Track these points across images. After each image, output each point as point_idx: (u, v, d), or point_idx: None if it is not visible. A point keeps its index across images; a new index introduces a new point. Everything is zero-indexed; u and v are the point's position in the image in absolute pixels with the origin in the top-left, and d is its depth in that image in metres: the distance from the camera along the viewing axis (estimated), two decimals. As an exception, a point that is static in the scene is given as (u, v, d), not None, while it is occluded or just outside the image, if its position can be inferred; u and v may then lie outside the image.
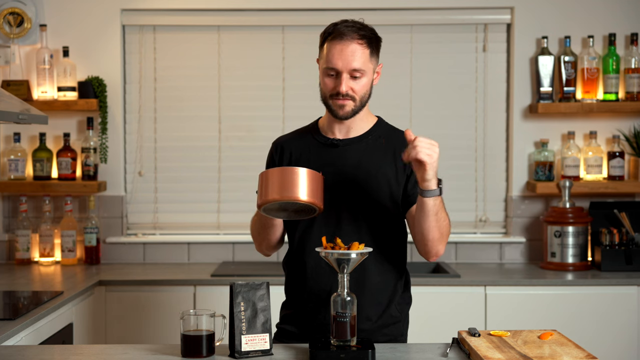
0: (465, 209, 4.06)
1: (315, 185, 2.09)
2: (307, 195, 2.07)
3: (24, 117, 3.02)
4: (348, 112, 2.29)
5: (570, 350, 2.04)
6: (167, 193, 4.09)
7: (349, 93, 2.26)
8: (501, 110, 4.07)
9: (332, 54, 2.25)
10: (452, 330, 2.68)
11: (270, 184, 2.08)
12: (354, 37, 2.25)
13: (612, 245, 3.73)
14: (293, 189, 2.06)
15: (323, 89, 2.31)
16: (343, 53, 2.24)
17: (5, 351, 2.19)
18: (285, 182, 2.06)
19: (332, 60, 2.25)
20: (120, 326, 3.53)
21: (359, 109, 2.31)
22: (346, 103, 2.28)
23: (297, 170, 2.08)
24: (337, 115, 2.31)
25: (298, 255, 2.38)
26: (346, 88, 2.26)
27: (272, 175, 2.09)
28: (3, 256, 4.00)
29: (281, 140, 2.47)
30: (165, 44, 4.06)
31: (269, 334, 2.09)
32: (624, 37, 3.95)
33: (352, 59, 2.24)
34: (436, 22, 4.03)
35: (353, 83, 2.27)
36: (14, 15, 3.93)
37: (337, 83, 2.26)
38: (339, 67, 2.25)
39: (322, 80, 2.30)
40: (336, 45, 2.25)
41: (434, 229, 2.20)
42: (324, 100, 2.33)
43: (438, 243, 2.25)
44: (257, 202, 2.13)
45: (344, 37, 2.24)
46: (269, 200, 2.07)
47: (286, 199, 2.06)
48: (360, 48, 2.25)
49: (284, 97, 4.06)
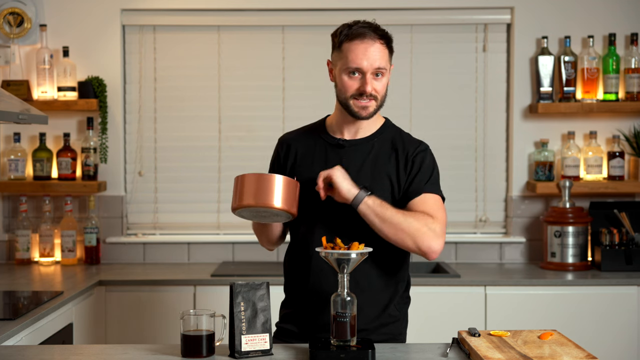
0: (465, 209, 4.06)
1: (289, 193, 2.13)
2: (281, 203, 2.12)
3: (24, 117, 3.02)
4: (370, 112, 2.31)
5: (570, 350, 2.04)
6: (167, 193, 4.09)
7: (372, 93, 2.27)
8: (501, 110, 4.07)
9: (356, 54, 2.25)
10: (452, 330, 2.68)
11: (246, 189, 2.12)
12: (375, 36, 2.26)
13: (612, 245, 3.73)
14: (268, 195, 2.10)
15: (343, 89, 2.29)
16: (368, 52, 2.24)
17: (5, 351, 2.19)
18: (261, 189, 2.11)
19: (357, 60, 2.25)
20: (120, 326, 3.53)
21: (378, 109, 2.33)
22: (369, 104, 2.29)
23: (272, 178, 2.13)
24: (359, 116, 2.30)
25: (298, 255, 2.38)
26: (371, 87, 2.26)
27: (249, 180, 2.13)
28: (3, 256, 4.00)
29: (288, 137, 2.47)
30: (165, 44, 4.06)
31: (269, 334, 2.09)
32: (624, 37, 3.96)
33: (376, 58, 2.25)
34: (436, 22, 4.03)
35: (376, 83, 2.28)
36: (14, 15, 3.93)
37: (362, 83, 2.26)
38: (364, 67, 2.25)
39: (342, 81, 2.29)
40: (359, 45, 2.25)
41: (390, 231, 2.22)
42: (343, 101, 2.31)
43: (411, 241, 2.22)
44: (231, 204, 2.17)
45: (366, 37, 2.25)
46: (244, 205, 2.12)
47: (261, 206, 2.11)
48: (382, 47, 2.27)
49: (284, 97, 4.06)
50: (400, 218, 2.21)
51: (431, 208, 2.28)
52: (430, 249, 2.22)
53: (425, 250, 2.23)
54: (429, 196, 2.31)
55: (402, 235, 2.22)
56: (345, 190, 2.20)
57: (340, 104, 2.34)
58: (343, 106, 2.32)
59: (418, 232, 2.21)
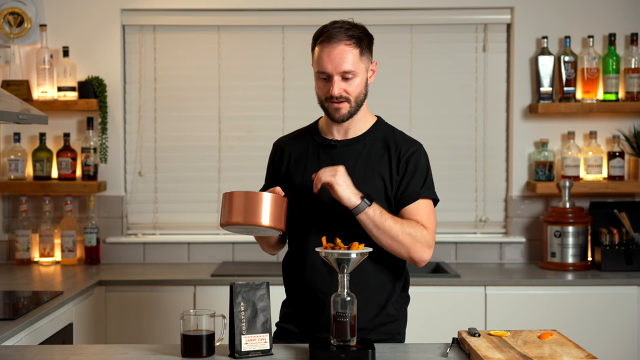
0: (465, 209, 4.06)
1: (277, 210, 2.16)
2: (269, 221, 2.15)
3: (24, 117, 3.02)
4: (344, 114, 2.31)
5: (570, 350, 2.04)
6: (167, 193, 4.09)
7: (342, 95, 2.28)
8: (501, 110, 4.07)
9: (322, 57, 2.27)
10: (452, 330, 2.68)
11: (235, 207, 2.15)
12: (342, 38, 2.25)
13: (612, 245, 3.73)
14: (256, 213, 2.14)
15: (318, 92, 2.33)
16: (331, 56, 2.25)
17: (5, 351, 2.19)
18: (249, 207, 2.14)
19: (322, 64, 2.27)
20: (120, 326, 3.53)
21: (355, 110, 2.32)
22: (341, 106, 2.29)
23: (260, 196, 2.15)
24: (334, 119, 2.32)
25: (297, 255, 2.38)
26: (339, 91, 2.27)
27: (238, 198, 2.16)
28: (3, 256, 4.00)
29: (281, 141, 2.48)
30: (165, 44, 4.06)
31: (269, 334, 2.09)
32: (624, 37, 3.95)
33: (341, 62, 2.25)
34: (436, 22, 4.03)
35: (345, 85, 2.28)
36: (14, 15, 3.93)
37: (329, 86, 2.27)
38: (329, 71, 2.26)
39: (316, 84, 2.32)
40: (324, 49, 2.26)
41: (386, 240, 2.24)
42: (320, 104, 2.34)
43: (406, 251, 2.26)
44: (220, 220, 2.19)
45: (332, 40, 2.25)
46: (232, 222, 2.15)
47: (249, 224, 2.14)
48: (348, 49, 2.26)
49: (284, 97, 4.06)
50: (397, 229, 2.23)
51: (424, 217, 2.30)
52: (421, 259, 2.28)
53: (417, 260, 2.28)
54: (423, 203, 2.32)
55: (397, 245, 2.25)
56: (345, 199, 2.20)
57: (320, 106, 2.36)
58: (322, 109, 2.35)
59: (413, 244, 2.25)
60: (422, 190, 2.32)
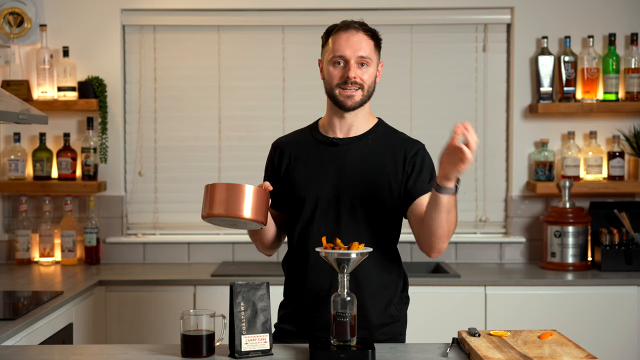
0: (465, 209, 4.06)
1: (259, 203, 2.15)
2: (250, 213, 2.13)
3: (24, 117, 3.02)
4: (357, 102, 2.30)
5: (570, 350, 2.04)
6: (167, 193, 4.09)
7: (357, 80, 2.28)
8: (501, 110, 4.07)
9: (339, 43, 2.28)
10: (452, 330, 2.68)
11: (217, 199, 2.13)
12: (359, 28, 2.30)
13: (612, 245, 3.73)
14: (238, 206, 2.12)
15: (329, 79, 2.31)
16: (350, 41, 2.28)
17: (5, 351, 2.19)
18: (231, 199, 2.12)
19: (340, 49, 2.28)
20: (120, 326, 3.53)
21: (365, 100, 2.32)
22: (355, 93, 2.29)
23: (242, 188, 2.13)
24: (345, 106, 2.30)
25: (297, 255, 2.38)
26: (355, 74, 2.27)
27: (220, 190, 2.14)
28: (3, 256, 4.00)
29: (280, 142, 2.47)
30: (165, 44, 4.06)
31: (269, 334, 2.09)
32: (624, 37, 3.95)
33: (359, 47, 2.28)
34: (436, 22, 4.03)
35: (360, 71, 2.29)
36: (14, 15, 3.93)
37: (346, 70, 2.28)
38: (347, 55, 2.27)
39: (328, 71, 2.31)
40: (342, 35, 2.29)
41: (443, 225, 2.19)
42: (329, 92, 2.32)
43: (444, 240, 2.24)
44: (201, 212, 2.17)
45: (350, 27, 2.30)
46: (214, 214, 2.13)
47: (231, 216, 2.12)
48: (366, 38, 2.30)
49: (284, 97, 4.06)
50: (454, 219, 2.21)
51: None
52: (441, 250, 2.27)
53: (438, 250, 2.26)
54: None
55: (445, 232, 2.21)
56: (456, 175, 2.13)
57: (328, 96, 2.35)
58: (330, 98, 2.33)
59: (451, 234, 2.24)
60: (430, 185, 2.31)
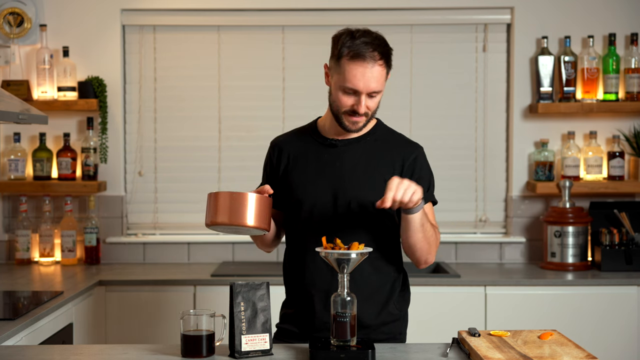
0: (465, 209, 4.06)
1: (262, 210, 2.17)
2: (254, 221, 2.15)
3: (24, 117, 3.02)
4: (360, 127, 2.33)
5: (570, 350, 2.04)
6: (167, 193, 4.09)
7: (365, 112, 2.28)
8: (501, 110, 4.07)
9: (354, 75, 2.23)
10: (452, 330, 2.68)
11: (220, 207, 2.15)
12: (375, 57, 2.23)
13: (612, 245, 3.73)
14: (242, 214, 2.14)
15: (337, 104, 2.29)
16: (365, 77, 2.23)
17: (5, 351, 2.19)
18: (235, 207, 2.14)
19: (354, 82, 2.23)
20: (120, 326, 3.53)
21: (368, 122, 2.34)
22: (360, 119, 2.30)
23: (245, 196, 2.15)
24: (348, 130, 2.32)
25: (297, 255, 2.38)
26: (365, 109, 2.27)
27: (223, 198, 2.16)
28: (3, 256, 4.00)
29: (279, 140, 2.47)
30: (165, 44, 4.06)
31: (269, 334, 2.09)
32: (624, 37, 3.95)
33: (372, 82, 2.24)
34: (436, 22, 4.03)
35: (369, 102, 2.28)
36: (14, 15, 3.93)
37: (356, 102, 2.26)
38: (359, 89, 2.24)
39: (337, 96, 2.28)
40: (358, 68, 2.22)
41: (421, 241, 2.26)
42: (335, 113, 2.31)
43: (427, 253, 2.30)
44: (205, 220, 2.19)
45: (366, 59, 2.22)
46: (218, 222, 2.15)
47: (235, 224, 2.14)
48: (381, 69, 2.24)
49: (284, 97, 4.06)
50: (430, 230, 2.27)
51: (432, 219, 2.35)
52: (427, 261, 2.33)
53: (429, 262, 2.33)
54: (429, 206, 2.36)
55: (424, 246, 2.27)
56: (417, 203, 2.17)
57: (333, 115, 2.34)
58: (335, 118, 2.33)
59: (434, 247, 2.31)
60: (428, 195, 2.34)
